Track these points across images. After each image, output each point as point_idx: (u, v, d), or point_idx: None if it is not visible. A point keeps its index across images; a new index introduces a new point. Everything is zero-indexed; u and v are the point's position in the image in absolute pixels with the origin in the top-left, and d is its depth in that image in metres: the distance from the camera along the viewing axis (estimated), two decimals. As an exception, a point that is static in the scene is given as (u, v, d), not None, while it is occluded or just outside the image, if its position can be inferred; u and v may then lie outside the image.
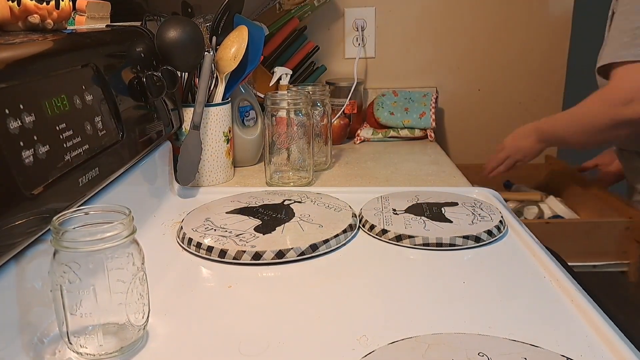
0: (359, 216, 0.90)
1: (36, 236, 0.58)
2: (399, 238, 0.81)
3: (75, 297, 0.54)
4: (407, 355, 0.54)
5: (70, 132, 0.66)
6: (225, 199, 0.98)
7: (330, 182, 1.15)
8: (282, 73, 1.36)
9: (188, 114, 1.08)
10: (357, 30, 1.57)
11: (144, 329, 0.60)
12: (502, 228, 0.84)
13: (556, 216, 1.41)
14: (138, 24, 1.07)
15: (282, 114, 1.07)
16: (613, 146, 1.48)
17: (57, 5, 0.79)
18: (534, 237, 0.84)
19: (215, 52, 1.12)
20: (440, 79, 1.66)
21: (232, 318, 0.65)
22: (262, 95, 1.35)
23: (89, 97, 0.72)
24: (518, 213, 1.47)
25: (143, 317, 0.59)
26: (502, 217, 0.87)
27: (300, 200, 0.96)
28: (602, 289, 0.78)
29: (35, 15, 0.74)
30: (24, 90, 0.59)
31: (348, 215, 0.88)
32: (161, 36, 1.01)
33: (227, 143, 1.14)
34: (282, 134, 1.07)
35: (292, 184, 1.10)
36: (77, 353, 0.57)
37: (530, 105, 1.69)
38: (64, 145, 0.64)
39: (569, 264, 0.88)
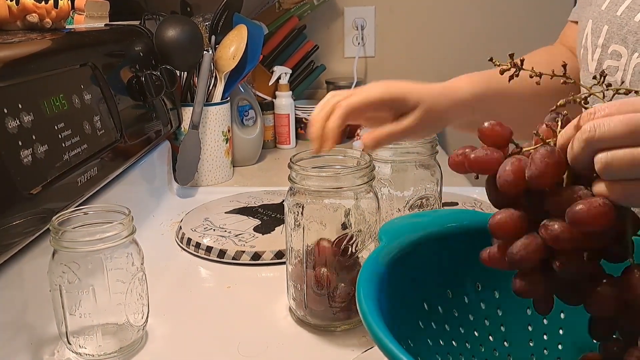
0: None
1: (35, 236, 0.57)
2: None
3: (75, 297, 0.54)
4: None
5: (69, 132, 0.65)
6: (225, 198, 0.97)
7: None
8: (282, 72, 1.36)
9: (187, 113, 1.07)
10: (357, 29, 1.57)
11: (143, 329, 0.60)
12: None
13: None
14: (137, 23, 1.07)
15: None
16: None
17: (56, 4, 0.78)
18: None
19: (214, 51, 1.12)
20: (440, 78, 1.65)
21: (231, 319, 0.65)
22: (262, 95, 1.36)
23: (87, 97, 0.72)
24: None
25: (142, 318, 0.59)
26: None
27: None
28: None
29: (33, 14, 0.74)
30: (23, 89, 0.59)
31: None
32: (160, 35, 1.01)
33: (226, 142, 1.14)
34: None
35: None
36: (76, 353, 0.56)
37: (529, 104, 1.68)
38: (63, 144, 0.64)
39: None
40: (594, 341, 0.43)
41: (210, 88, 1.12)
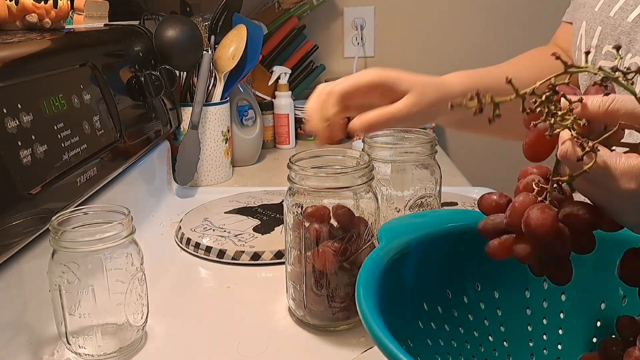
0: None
1: (34, 236, 0.57)
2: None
3: (74, 298, 0.54)
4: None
5: (69, 132, 0.65)
6: (224, 198, 0.97)
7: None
8: (281, 72, 1.36)
9: (186, 113, 1.07)
10: (357, 29, 1.57)
11: (142, 329, 0.60)
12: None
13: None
14: (136, 23, 1.07)
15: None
16: None
17: (55, 4, 0.78)
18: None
19: (214, 51, 1.12)
20: (439, 78, 1.65)
21: (230, 319, 0.65)
22: (261, 95, 1.36)
23: (87, 97, 0.72)
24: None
25: (142, 318, 0.59)
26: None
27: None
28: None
29: (33, 14, 0.74)
30: (22, 89, 0.59)
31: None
32: (159, 35, 1.01)
33: (226, 142, 1.14)
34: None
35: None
36: (76, 353, 0.56)
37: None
38: (62, 144, 0.64)
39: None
40: (593, 341, 0.43)
41: (210, 88, 1.12)
